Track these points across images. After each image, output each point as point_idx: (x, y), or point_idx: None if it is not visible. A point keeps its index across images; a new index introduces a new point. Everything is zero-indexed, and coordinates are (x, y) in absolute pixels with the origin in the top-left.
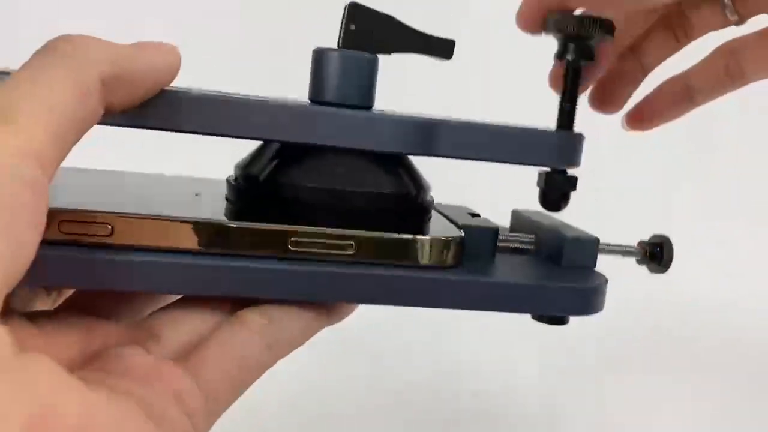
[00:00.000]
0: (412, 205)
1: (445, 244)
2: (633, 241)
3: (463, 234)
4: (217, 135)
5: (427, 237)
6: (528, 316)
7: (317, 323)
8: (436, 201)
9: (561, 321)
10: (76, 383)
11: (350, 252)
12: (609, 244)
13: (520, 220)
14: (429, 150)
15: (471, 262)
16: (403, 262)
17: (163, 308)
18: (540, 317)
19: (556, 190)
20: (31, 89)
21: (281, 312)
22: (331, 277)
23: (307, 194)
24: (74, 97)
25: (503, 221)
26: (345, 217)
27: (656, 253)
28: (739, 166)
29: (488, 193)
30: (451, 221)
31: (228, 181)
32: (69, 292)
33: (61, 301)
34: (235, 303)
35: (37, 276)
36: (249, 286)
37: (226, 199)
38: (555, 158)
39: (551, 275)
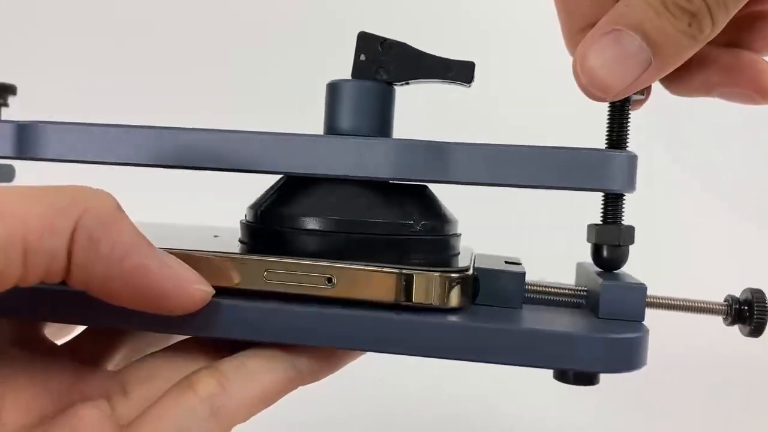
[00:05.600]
0: (422, 237)
1: (441, 282)
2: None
3: (470, 273)
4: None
5: (416, 271)
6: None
7: (286, 384)
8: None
9: (589, 381)
10: None
11: (327, 286)
12: (684, 300)
13: (583, 272)
14: (460, 177)
15: (487, 309)
16: (387, 300)
17: (146, 357)
18: (562, 376)
19: (611, 241)
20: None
21: (239, 372)
22: (304, 315)
23: (298, 224)
24: (42, 220)
25: None
26: (340, 249)
27: (743, 313)
28: None
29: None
30: (472, 265)
31: (240, 222)
32: None
33: None
34: (218, 353)
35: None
36: (218, 325)
37: (240, 241)
38: (609, 179)
39: (579, 325)
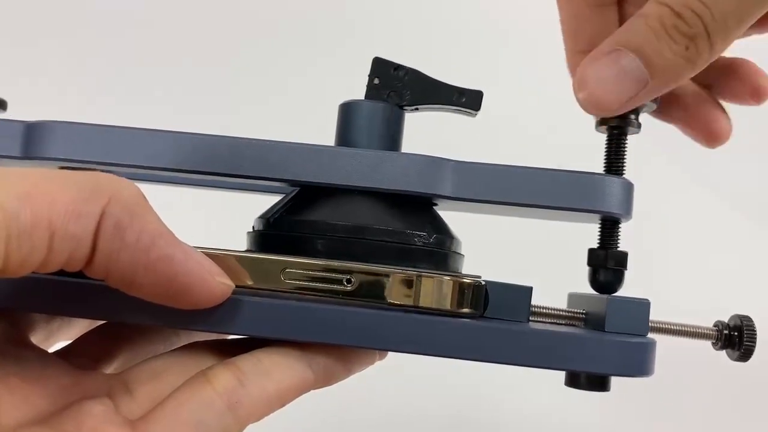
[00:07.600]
0: (429, 249)
1: (455, 287)
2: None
3: (482, 282)
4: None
5: (431, 275)
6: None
7: (302, 384)
8: None
9: (601, 385)
10: None
11: (346, 287)
12: (676, 324)
13: (575, 300)
14: (465, 193)
15: (496, 317)
16: (404, 302)
17: (150, 358)
18: (574, 382)
19: (606, 264)
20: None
21: (256, 369)
22: (323, 313)
23: (312, 229)
24: (69, 205)
25: None
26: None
27: (733, 339)
28: None
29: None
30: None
31: (248, 233)
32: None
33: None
34: (224, 355)
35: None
36: (237, 322)
37: (248, 250)
38: (606, 202)
39: (590, 333)
